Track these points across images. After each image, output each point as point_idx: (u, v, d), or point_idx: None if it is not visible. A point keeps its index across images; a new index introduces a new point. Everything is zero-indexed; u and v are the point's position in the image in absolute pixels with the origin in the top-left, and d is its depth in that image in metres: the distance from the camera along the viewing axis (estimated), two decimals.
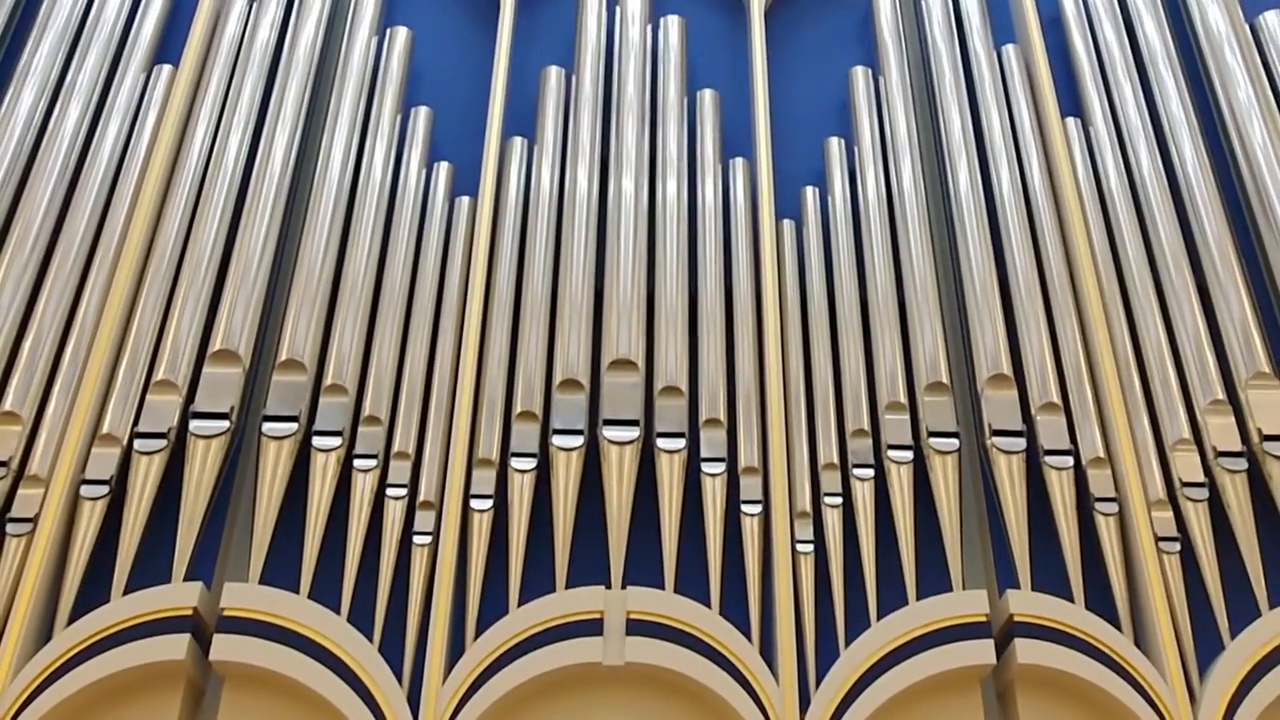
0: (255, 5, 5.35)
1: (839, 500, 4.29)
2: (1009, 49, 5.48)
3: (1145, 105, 5.29)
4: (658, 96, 5.25)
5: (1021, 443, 4.34)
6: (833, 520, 4.26)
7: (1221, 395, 4.44)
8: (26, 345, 4.35)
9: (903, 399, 4.46)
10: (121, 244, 4.62)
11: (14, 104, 4.90)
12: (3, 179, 4.70)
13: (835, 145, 5.18)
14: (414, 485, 4.26)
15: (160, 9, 5.32)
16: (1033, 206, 5.00)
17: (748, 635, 4.05)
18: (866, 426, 4.42)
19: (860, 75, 5.39)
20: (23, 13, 5.30)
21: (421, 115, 5.14)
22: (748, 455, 4.33)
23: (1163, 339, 4.62)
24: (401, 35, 5.34)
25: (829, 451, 4.38)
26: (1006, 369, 4.49)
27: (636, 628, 3.98)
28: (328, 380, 4.37)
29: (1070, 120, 5.25)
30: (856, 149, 5.20)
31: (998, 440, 4.34)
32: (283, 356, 4.38)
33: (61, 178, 4.75)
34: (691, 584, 4.16)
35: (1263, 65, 5.42)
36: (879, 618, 4.10)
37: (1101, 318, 4.67)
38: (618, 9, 5.48)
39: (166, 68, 5.10)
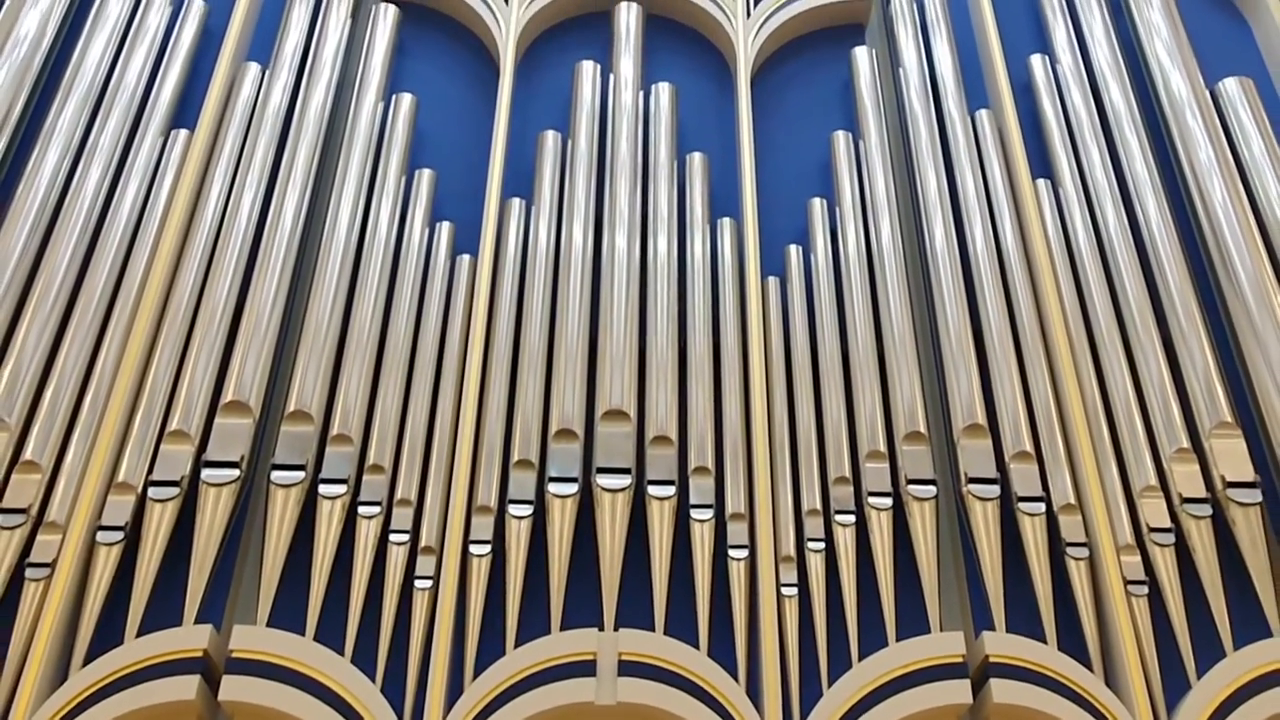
0: (268, 72, 5.39)
1: (822, 545, 4.29)
2: (982, 114, 5.52)
3: (1111, 166, 5.33)
4: (649, 158, 5.29)
5: (996, 490, 4.34)
6: (816, 565, 4.25)
7: (1186, 444, 4.45)
8: (47, 396, 4.34)
9: (882, 448, 4.47)
10: (139, 299, 4.63)
11: (39, 164, 4.90)
12: (27, 235, 4.70)
13: (818, 205, 5.21)
14: (415, 531, 4.26)
15: (178, 74, 5.35)
16: (1005, 262, 5.02)
17: (735, 676, 4.03)
18: (848, 474, 4.42)
19: (841, 139, 5.43)
20: (49, 77, 5.31)
21: (425, 177, 5.17)
22: (734, 502, 4.33)
23: (1130, 390, 4.63)
24: (406, 101, 5.38)
25: (812, 498, 4.38)
26: (981, 419, 4.50)
27: (628, 668, 3.96)
28: (334, 430, 4.37)
29: (1041, 181, 5.28)
30: (838, 209, 5.24)
31: (973, 487, 4.35)
32: (291, 407, 4.38)
33: (83, 235, 4.76)
34: (681, 626, 4.14)
35: (1222, 128, 5.46)
36: (860, 658, 4.08)
37: (1071, 369, 4.69)
38: (611, 76, 5.53)
39: (183, 132, 5.13)
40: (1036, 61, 5.76)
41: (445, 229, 5.03)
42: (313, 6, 5.66)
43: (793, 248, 5.09)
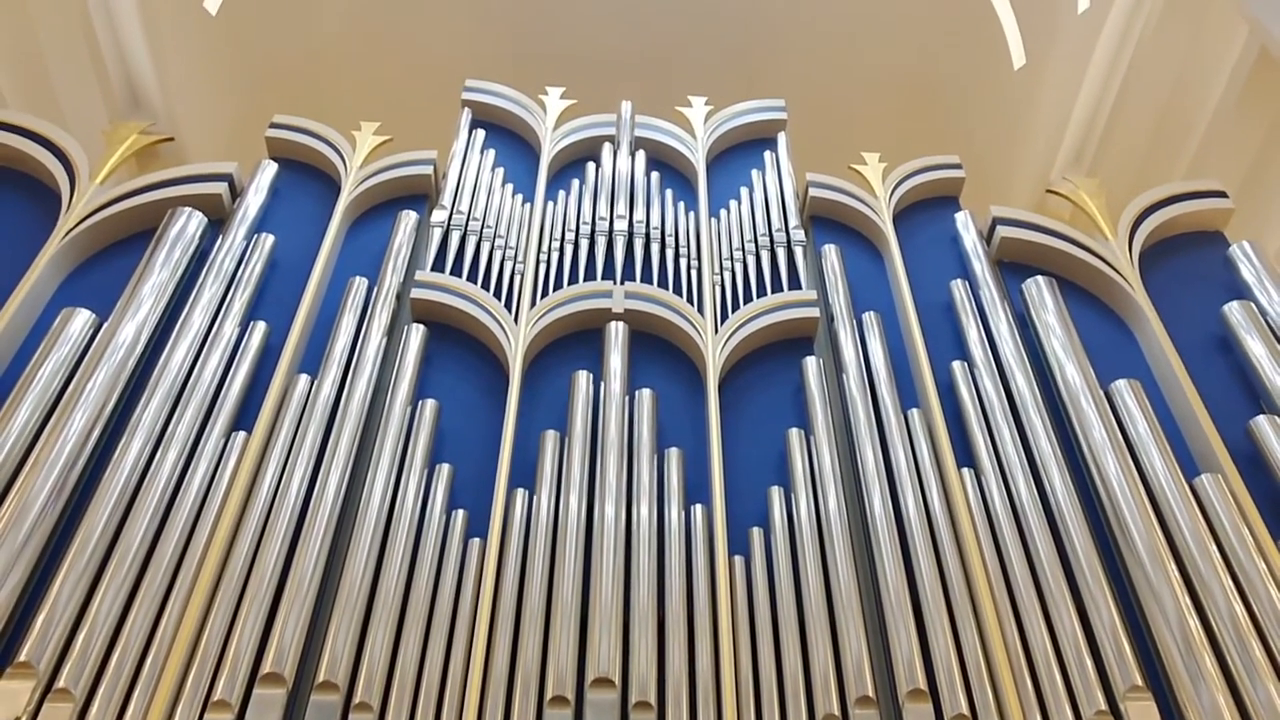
0: (317, 377, 5.39)
1: None
2: (914, 412, 5.47)
3: (1021, 444, 5.25)
4: (634, 445, 5.20)
5: None
6: None
7: (1104, 705, 4.18)
8: (111, 665, 4.13)
9: (836, 712, 4.21)
10: (198, 573, 4.45)
11: (124, 450, 4.81)
12: (109, 514, 4.58)
13: (776, 493, 5.08)
14: None
15: (243, 380, 5.34)
16: (935, 531, 4.88)
17: None
18: None
19: (795, 435, 5.35)
20: (139, 376, 5.32)
21: (444, 471, 5.06)
22: None
23: (1050, 652, 4.39)
24: (430, 406, 5.32)
25: None
26: (922, 683, 4.26)
27: None
28: (356, 698, 4.12)
29: (965, 470, 5.20)
30: (793, 494, 5.12)
31: None
32: (321, 678, 4.16)
33: (156, 512, 4.62)
34: None
35: (1113, 413, 5.45)
36: None
37: (998, 632, 4.47)
38: (602, 384, 5.51)
39: (242, 434, 5.06)
40: (957, 366, 5.75)
41: (460, 517, 4.88)
42: (356, 324, 5.69)
43: (755, 530, 4.92)
